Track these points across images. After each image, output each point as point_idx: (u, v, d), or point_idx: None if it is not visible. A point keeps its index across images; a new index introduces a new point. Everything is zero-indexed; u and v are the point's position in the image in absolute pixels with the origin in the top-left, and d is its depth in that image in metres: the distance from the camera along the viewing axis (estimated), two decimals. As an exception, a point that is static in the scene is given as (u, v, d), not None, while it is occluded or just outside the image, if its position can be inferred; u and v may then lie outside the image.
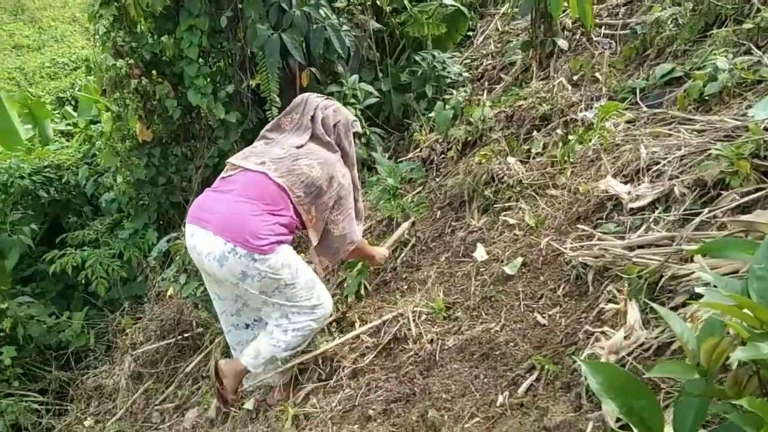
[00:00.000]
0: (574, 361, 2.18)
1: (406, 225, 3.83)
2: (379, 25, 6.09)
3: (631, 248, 2.30)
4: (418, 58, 6.04)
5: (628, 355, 1.91)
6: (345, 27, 5.61)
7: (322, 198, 2.86)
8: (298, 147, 2.86)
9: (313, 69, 5.62)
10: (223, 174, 2.94)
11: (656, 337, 1.93)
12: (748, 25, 3.23)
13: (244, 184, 2.75)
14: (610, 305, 2.07)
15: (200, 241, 2.73)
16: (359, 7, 6.03)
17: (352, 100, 5.68)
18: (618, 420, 1.81)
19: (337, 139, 3.01)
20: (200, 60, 5.49)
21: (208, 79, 5.58)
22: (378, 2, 6.20)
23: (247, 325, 3.20)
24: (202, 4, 5.36)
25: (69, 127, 8.39)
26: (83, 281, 5.84)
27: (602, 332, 2.12)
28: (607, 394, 1.23)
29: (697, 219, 2.17)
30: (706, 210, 2.21)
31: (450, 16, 6.34)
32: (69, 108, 9.67)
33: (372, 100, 5.81)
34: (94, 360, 5.65)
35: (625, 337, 1.92)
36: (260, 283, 2.74)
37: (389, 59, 6.30)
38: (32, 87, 12.60)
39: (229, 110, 5.62)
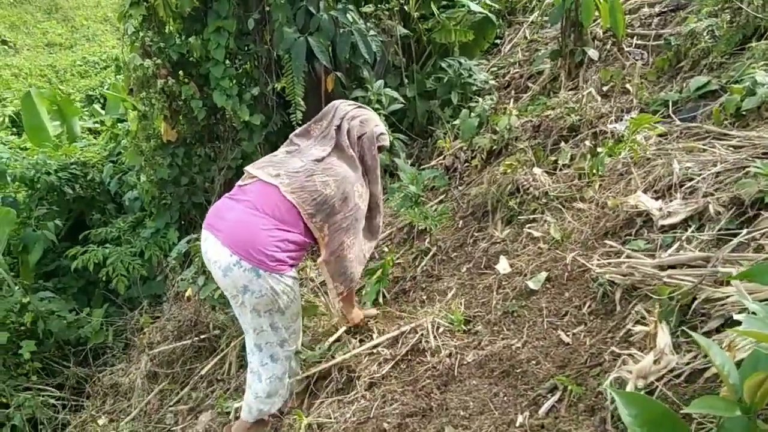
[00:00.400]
0: (599, 384, 2.09)
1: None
2: (405, 31, 6.04)
3: (662, 267, 2.21)
4: (444, 65, 5.98)
5: (658, 380, 1.82)
6: (372, 32, 5.58)
7: (334, 217, 2.73)
8: (318, 160, 2.72)
9: (338, 73, 5.59)
10: (240, 182, 2.87)
11: (688, 363, 1.84)
12: (788, 39, 3.13)
13: (258, 195, 2.68)
14: (639, 327, 1.98)
15: (210, 247, 2.70)
16: (387, 12, 5.98)
17: (377, 106, 5.64)
18: (644, 449, 1.73)
19: (361, 153, 2.84)
20: (226, 62, 5.49)
21: (234, 81, 5.58)
22: (406, 8, 6.16)
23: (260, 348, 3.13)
24: (230, 5, 5.37)
25: (97, 125, 8.46)
26: (104, 278, 5.87)
27: (629, 355, 2.03)
28: (641, 428, 1.14)
29: (735, 240, 2.07)
30: (744, 231, 2.10)
31: (478, 23, 6.28)
32: (97, 106, 9.77)
33: (397, 106, 5.76)
34: (112, 357, 5.67)
35: (655, 362, 1.83)
36: (258, 300, 2.67)
37: (415, 65, 6.26)
38: (63, 84, 12.76)
39: (253, 112, 5.61)
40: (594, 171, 3.09)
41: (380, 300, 3.81)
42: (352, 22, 5.45)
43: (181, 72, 5.55)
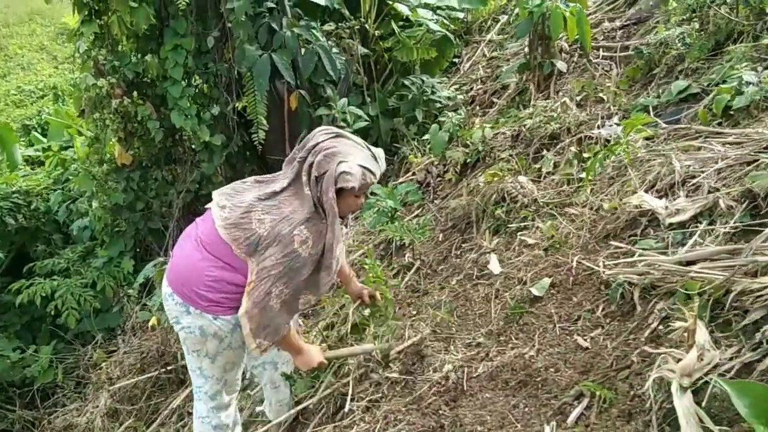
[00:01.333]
0: (631, 387, 1.99)
1: (364, 348, 2.92)
2: (366, 50, 5.99)
3: (683, 263, 2.15)
4: (407, 83, 5.95)
5: (707, 375, 1.73)
6: (334, 50, 5.49)
7: (264, 262, 2.30)
8: (268, 195, 2.38)
9: (302, 91, 5.45)
10: (208, 205, 2.57)
11: (731, 358, 1.76)
12: (766, 41, 3.20)
13: (205, 227, 2.45)
14: (679, 323, 1.90)
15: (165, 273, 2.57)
16: (347, 30, 5.91)
17: (342, 124, 5.53)
18: (701, 450, 1.63)
19: (318, 195, 2.32)
20: (184, 81, 5.27)
21: (193, 101, 5.36)
22: (366, 26, 6.12)
23: None
24: (188, 23, 5.18)
25: (38, 153, 8.02)
26: (52, 312, 5.47)
27: (659, 354, 1.94)
28: (758, 418, 1.03)
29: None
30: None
31: (437, 42, 6.30)
32: (37, 135, 9.28)
33: (362, 124, 5.67)
34: (63, 397, 5.24)
35: (699, 358, 1.75)
36: (186, 335, 2.48)
37: (377, 84, 6.20)
38: (-3, 114, 12.14)
39: (213, 133, 5.40)
40: (590, 175, 3.05)
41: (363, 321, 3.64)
42: (315, 39, 5.35)
43: (135, 92, 5.29)
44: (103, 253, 5.84)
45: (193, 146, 5.62)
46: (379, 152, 2.53)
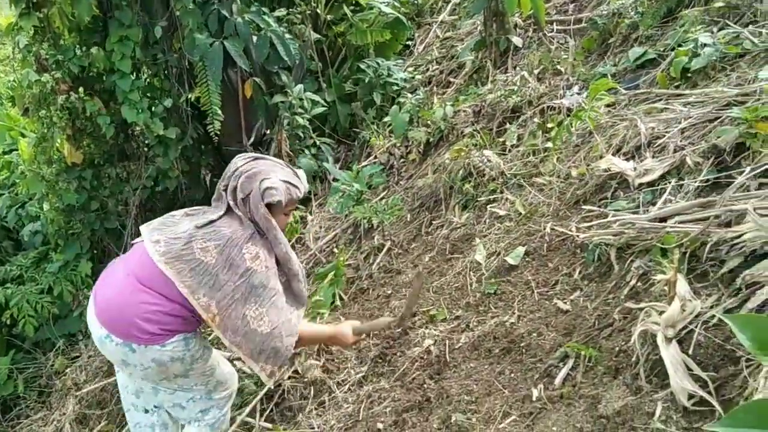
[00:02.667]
0: (614, 344, 2.02)
1: (385, 320, 2.81)
2: (318, 36, 5.91)
3: (657, 220, 2.19)
4: (363, 66, 5.90)
5: (690, 324, 1.76)
6: (287, 36, 5.40)
7: (222, 290, 2.27)
8: (204, 224, 2.34)
9: (256, 79, 5.35)
10: (134, 240, 2.54)
11: (711, 306, 1.80)
12: (718, 4, 3.28)
13: (137, 261, 2.35)
14: (660, 277, 1.93)
15: (89, 314, 2.38)
16: (299, 16, 5.82)
17: (300, 110, 5.46)
18: (690, 397, 1.66)
19: (250, 215, 2.39)
20: (133, 73, 5.10)
21: (143, 94, 5.18)
22: (318, 11, 6.04)
23: (146, 410, 2.63)
24: (134, 13, 5.00)
25: (-22, 158, 7.65)
26: (8, 321, 5.24)
27: (641, 309, 1.97)
28: (762, 350, 1.05)
29: (741, 179, 2.07)
30: (747, 170, 2.09)
31: (390, 24, 6.26)
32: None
33: (319, 110, 5.61)
34: (26, 408, 5.05)
35: (681, 309, 1.78)
36: (144, 372, 2.35)
37: (331, 69, 6.13)
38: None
39: (167, 126, 5.23)
40: (555, 144, 3.07)
41: (338, 302, 3.61)
42: (267, 25, 5.24)
43: (82, 87, 5.08)
44: (58, 257, 5.62)
45: (146, 141, 5.46)
46: (300, 171, 2.62)
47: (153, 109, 5.16)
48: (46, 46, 4.87)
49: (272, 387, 2.67)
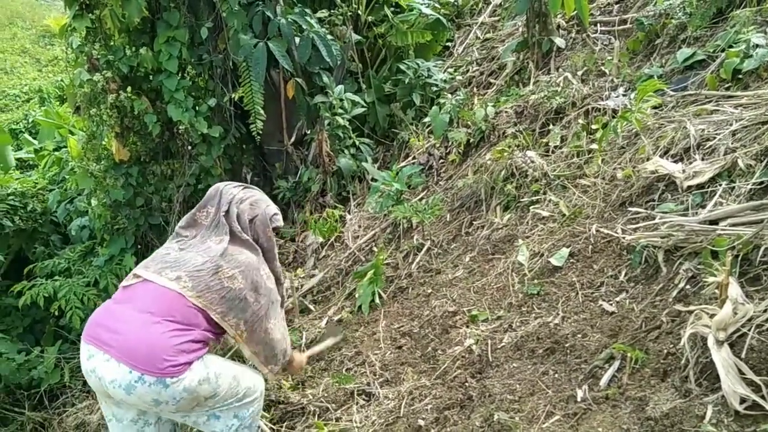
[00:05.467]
0: (662, 347, 2.00)
1: (331, 341, 3.26)
2: (358, 37, 5.96)
3: (707, 223, 2.16)
4: (402, 68, 5.93)
5: (742, 328, 1.74)
6: (329, 37, 5.45)
7: (249, 310, 2.46)
8: (221, 254, 2.44)
9: (298, 80, 5.42)
10: (124, 282, 2.49)
11: (765, 310, 1.77)
12: (771, 4, 3.22)
13: (153, 298, 2.34)
14: (712, 279, 1.90)
15: (100, 365, 2.28)
16: (340, 17, 5.88)
17: (340, 110, 5.51)
18: (743, 401, 1.64)
19: (255, 236, 2.61)
20: (179, 73, 5.22)
21: (188, 93, 5.30)
22: (359, 13, 6.09)
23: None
24: (181, 15, 5.12)
25: (29, 156, 7.92)
26: (56, 313, 5.41)
27: (690, 312, 1.95)
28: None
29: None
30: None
31: (430, 25, 6.28)
32: (27, 137, 9.16)
33: (359, 110, 5.65)
34: (72, 397, 5.19)
35: (733, 312, 1.76)
36: (176, 406, 2.33)
37: (371, 70, 6.17)
38: (-19, 119, 11.97)
39: (211, 125, 5.35)
40: (600, 145, 3.05)
41: (377, 301, 3.64)
42: (310, 26, 5.31)
43: (130, 87, 5.22)
44: (104, 251, 5.78)
45: (190, 139, 5.57)
46: None
47: (197, 108, 5.28)
48: (98, 47, 5.02)
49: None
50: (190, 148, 5.73)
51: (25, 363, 5.36)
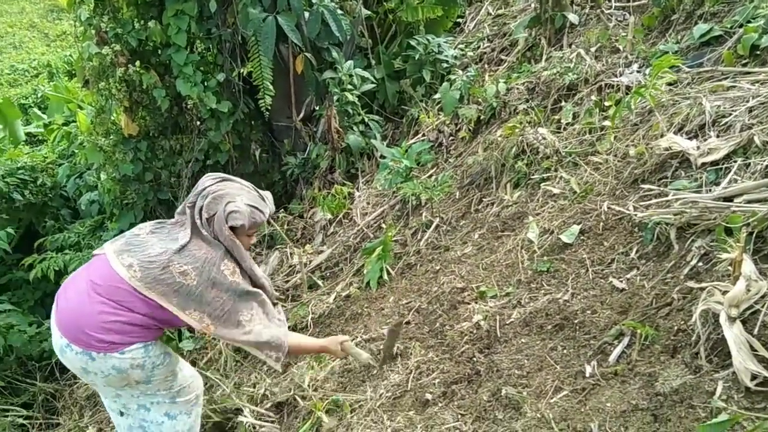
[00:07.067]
0: (672, 323, 1.99)
1: (368, 358, 2.85)
2: (368, 12, 5.89)
3: (723, 199, 2.13)
4: (413, 43, 5.85)
5: (755, 305, 1.73)
6: (338, 12, 5.39)
7: (212, 305, 2.39)
8: (179, 248, 2.38)
9: (308, 54, 5.37)
10: (96, 251, 2.52)
11: (779, 286, 1.76)
12: (791, -20, 3.15)
13: (101, 275, 2.35)
14: (725, 256, 1.88)
15: (52, 323, 2.39)
16: (350, -9, 5.80)
17: (349, 86, 5.47)
18: (753, 377, 1.63)
19: (214, 234, 2.47)
20: (188, 47, 5.18)
21: (197, 68, 5.27)
22: (369, -13, 6.02)
23: (121, 413, 2.64)
24: (190, -12, 5.07)
25: (38, 130, 7.94)
26: (66, 286, 5.44)
27: (702, 288, 1.94)
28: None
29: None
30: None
31: (441, 1, 6.19)
32: (36, 111, 9.18)
33: (368, 86, 5.60)
34: (81, 368, 5.26)
35: (746, 289, 1.74)
36: (105, 379, 2.36)
37: (381, 46, 6.11)
38: (-9, 94, 11.98)
39: (220, 100, 5.32)
40: (613, 122, 3.01)
41: (385, 277, 3.64)
42: (319, 0, 5.25)
43: (138, 61, 5.20)
44: (113, 225, 5.81)
45: (199, 114, 5.55)
46: (267, 194, 2.65)
47: (206, 83, 5.25)
48: (106, 20, 5.00)
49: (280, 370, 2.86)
50: (198, 123, 5.72)
51: (37, 335, 5.42)
